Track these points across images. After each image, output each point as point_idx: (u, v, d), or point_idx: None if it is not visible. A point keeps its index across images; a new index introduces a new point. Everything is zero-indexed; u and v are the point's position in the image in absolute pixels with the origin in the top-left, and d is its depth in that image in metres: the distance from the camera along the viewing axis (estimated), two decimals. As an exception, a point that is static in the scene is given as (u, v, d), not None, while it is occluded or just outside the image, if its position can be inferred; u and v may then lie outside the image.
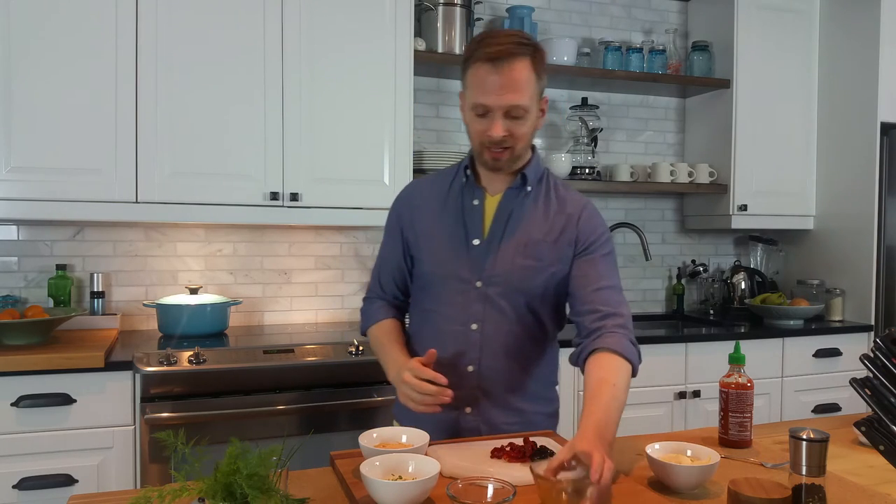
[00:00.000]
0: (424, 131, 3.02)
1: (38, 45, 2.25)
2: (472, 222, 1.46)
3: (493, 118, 1.35)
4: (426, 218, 1.50)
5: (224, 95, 2.42)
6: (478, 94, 1.34)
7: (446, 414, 1.43)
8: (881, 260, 3.07)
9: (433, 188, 1.54)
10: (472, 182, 1.49)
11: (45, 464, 2.02)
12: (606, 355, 1.30)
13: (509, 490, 0.99)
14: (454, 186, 1.51)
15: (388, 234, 1.58)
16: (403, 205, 1.55)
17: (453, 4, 2.81)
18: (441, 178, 1.55)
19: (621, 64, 3.14)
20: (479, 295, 1.44)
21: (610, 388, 1.24)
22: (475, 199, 1.47)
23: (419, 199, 1.53)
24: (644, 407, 2.70)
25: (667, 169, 3.16)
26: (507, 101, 1.33)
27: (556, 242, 1.44)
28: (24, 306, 2.50)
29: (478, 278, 1.44)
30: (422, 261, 1.50)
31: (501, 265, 1.43)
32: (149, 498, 0.89)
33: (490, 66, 1.32)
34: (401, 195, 1.58)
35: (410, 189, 1.58)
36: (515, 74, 1.32)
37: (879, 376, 1.06)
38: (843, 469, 1.27)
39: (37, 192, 2.26)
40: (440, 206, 1.50)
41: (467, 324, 1.44)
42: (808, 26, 3.26)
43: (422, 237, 1.50)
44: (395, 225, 1.55)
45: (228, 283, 2.80)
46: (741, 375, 1.42)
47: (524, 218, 1.45)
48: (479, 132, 1.39)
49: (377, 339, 1.54)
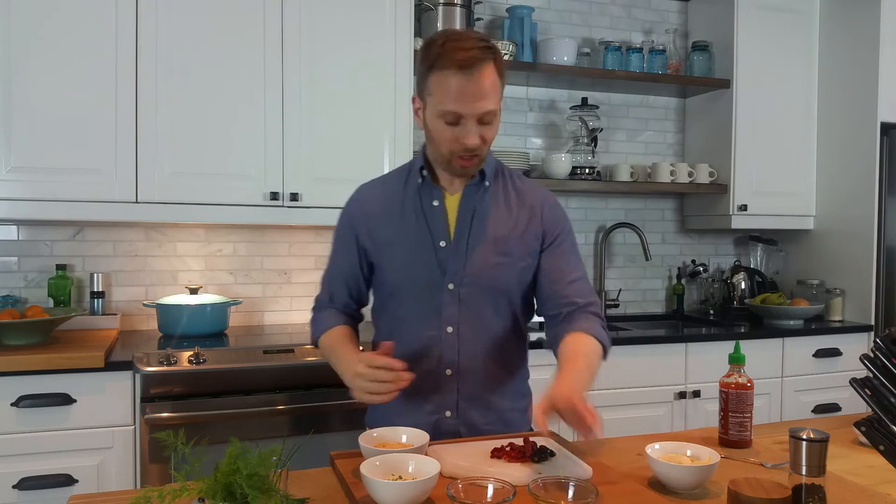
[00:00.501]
0: (424, 131, 3.02)
1: (38, 45, 2.25)
2: (436, 224, 1.43)
3: (466, 126, 1.32)
4: (385, 224, 1.45)
5: (224, 95, 2.42)
6: (449, 103, 1.30)
7: (425, 418, 1.43)
8: (881, 260, 3.07)
9: (385, 192, 1.49)
10: (429, 182, 1.45)
11: (45, 464, 2.02)
12: (581, 335, 1.36)
13: (509, 490, 0.99)
14: (409, 189, 1.46)
15: (339, 243, 1.53)
16: (356, 212, 1.49)
17: (453, 4, 2.81)
18: (391, 182, 1.50)
19: (621, 64, 3.14)
20: (451, 297, 1.42)
21: (583, 357, 1.30)
22: (434, 200, 1.44)
23: (373, 205, 1.48)
24: (644, 407, 2.70)
25: (667, 169, 3.16)
26: (480, 109, 1.31)
27: (523, 236, 1.45)
28: (24, 306, 2.50)
29: (449, 280, 1.42)
30: (387, 268, 1.46)
31: (473, 265, 1.41)
32: (149, 498, 0.89)
33: (460, 74, 1.28)
34: (351, 202, 1.52)
35: (361, 196, 1.52)
36: (485, 80, 1.30)
37: (879, 376, 1.06)
38: (843, 469, 1.27)
39: (37, 192, 2.26)
40: (398, 211, 1.45)
41: (442, 327, 1.42)
42: (808, 26, 3.26)
43: (384, 245, 1.45)
44: (347, 233, 1.50)
45: (228, 283, 2.80)
46: (741, 375, 1.42)
47: (488, 214, 1.44)
48: (449, 140, 1.34)
49: (328, 346, 1.48)
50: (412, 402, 1.44)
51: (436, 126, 1.35)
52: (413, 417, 1.42)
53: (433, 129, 1.37)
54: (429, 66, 1.32)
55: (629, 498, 1.08)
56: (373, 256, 1.48)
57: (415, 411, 1.45)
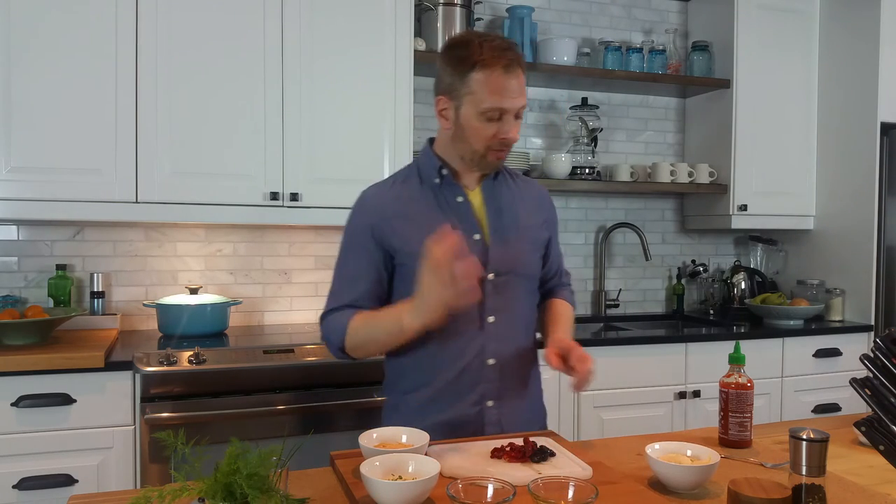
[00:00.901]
0: (424, 131, 3.02)
1: (38, 45, 2.25)
2: (465, 218, 1.47)
3: (507, 121, 1.40)
4: (411, 224, 1.44)
5: (224, 95, 2.42)
6: (495, 99, 1.37)
7: (469, 409, 1.45)
8: (881, 260, 3.07)
9: (400, 194, 1.48)
10: (449, 180, 1.48)
11: (45, 464, 2.02)
12: (559, 301, 1.62)
13: (509, 490, 0.99)
14: (426, 188, 1.48)
15: (356, 250, 1.47)
16: (374, 215, 1.46)
17: (453, 4, 2.81)
18: (401, 184, 1.50)
19: (621, 64, 3.14)
20: (492, 287, 1.45)
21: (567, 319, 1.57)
22: (458, 196, 1.48)
23: (390, 207, 1.47)
24: (644, 407, 2.70)
25: (667, 169, 3.16)
26: (520, 104, 1.41)
27: (540, 226, 1.56)
28: (24, 306, 2.50)
29: (489, 271, 1.45)
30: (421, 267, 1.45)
31: (509, 254, 1.47)
32: (149, 498, 0.89)
33: (506, 73, 1.37)
34: (364, 206, 1.49)
35: (372, 201, 1.49)
36: (522, 79, 1.41)
37: (879, 376, 1.06)
38: (843, 469, 1.27)
39: (37, 192, 2.26)
40: (421, 210, 1.46)
41: (484, 318, 1.45)
42: (808, 26, 3.26)
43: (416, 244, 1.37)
44: (366, 239, 1.46)
45: (228, 283, 2.80)
46: (741, 375, 1.42)
47: (510, 206, 1.52)
48: (488, 136, 1.40)
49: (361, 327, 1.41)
50: (454, 395, 1.45)
51: (474, 123, 1.40)
52: (455, 410, 1.45)
53: (470, 126, 1.41)
54: (470, 66, 1.37)
55: (629, 498, 1.08)
56: (400, 258, 1.44)
57: (457, 403, 1.45)
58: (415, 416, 1.45)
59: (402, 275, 1.46)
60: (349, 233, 1.50)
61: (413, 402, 1.47)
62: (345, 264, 1.50)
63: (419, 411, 1.46)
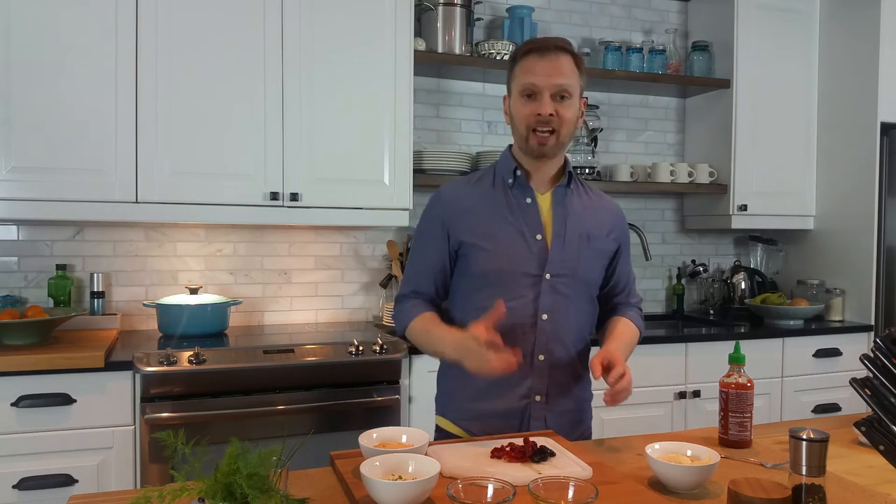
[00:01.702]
0: (424, 131, 3.02)
1: (38, 45, 2.25)
2: (531, 219, 1.53)
3: (539, 99, 1.47)
4: (482, 219, 1.53)
5: (224, 95, 2.42)
6: (527, 77, 1.47)
7: (517, 402, 1.50)
8: (881, 260, 3.07)
9: (475, 190, 1.58)
10: (521, 181, 1.55)
11: (45, 464, 2.02)
12: (625, 319, 1.62)
13: (509, 490, 0.99)
14: (498, 187, 1.57)
15: (427, 237, 1.58)
16: (447, 208, 1.56)
17: (453, 4, 2.81)
18: (478, 181, 1.60)
19: (621, 64, 3.14)
20: (548, 287, 1.50)
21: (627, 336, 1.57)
22: (528, 198, 1.54)
23: (464, 202, 1.56)
24: (644, 407, 2.70)
25: (667, 169, 3.16)
26: (554, 81, 1.46)
27: (607, 237, 1.60)
28: (24, 306, 2.50)
29: (547, 271, 1.50)
30: (483, 259, 1.51)
31: (568, 257, 1.52)
32: (149, 498, 0.89)
33: (538, 55, 1.48)
34: (440, 200, 1.59)
35: (449, 193, 1.59)
36: (561, 62, 1.48)
37: (879, 376, 1.06)
38: (843, 469, 1.27)
39: (37, 192, 2.26)
40: (493, 207, 1.54)
41: (537, 315, 1.50)
42: (808, 26, 3.26)
43: (481, 238, 1.52)
44: (438, 228, 1.56)
45: (228, 283, 2.80)
46: (741, 375, 1.42)
47: (578, 213, 1.57)
48: (526, 115, 1.48)
49: (420, 330, 1.55)
50: (504, 387, 1.50)
51: (517, 106, 1.51)
52: (505, 402, 1.51)
53: (514, 110, 1.52)
54: (515, 59, 1.52)
55: (629, 498, 1.08)
56: (467, 249, 1.53)
57: (507, 395, 1.51)
58: (467, 402, 1.54)
59: (461, 264, 1.56)
60: (422, 223, 1.61)
61: (467, 389, 1.53)
62: (416, 253, 1.62)
63: (471, 398, 1.53)
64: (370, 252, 2.98)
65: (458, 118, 3.10)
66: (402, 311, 1.60)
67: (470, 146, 3.12)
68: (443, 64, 2.81)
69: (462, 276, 1.56)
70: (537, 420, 1.51)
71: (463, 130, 3.12)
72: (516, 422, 1.51)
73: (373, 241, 2.98)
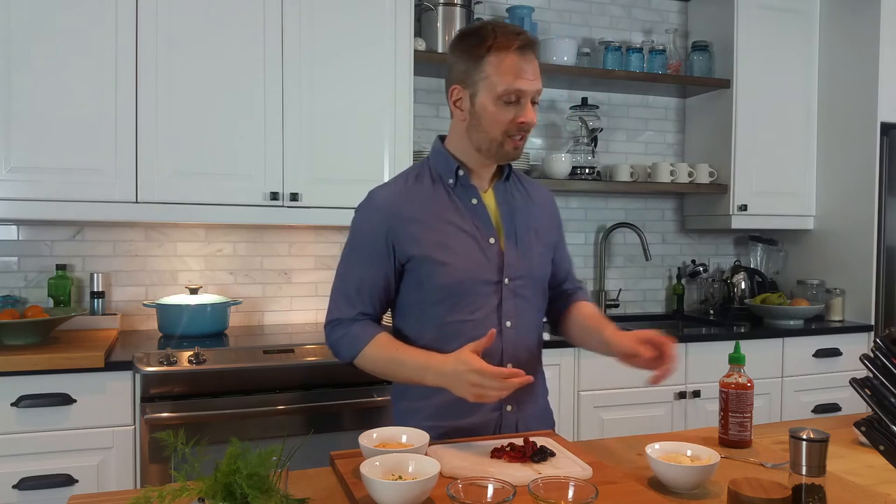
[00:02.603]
0: (424, 131, 3.02)
1: (38, 45, 2.25)
2: (481, 222, 1.43)
3: (524, 105, 1.37)
4: (428, 228, 1.40)
5: (224, 95, 2.42)
6: (511, 80, 1.34)
7: (488, 414, 1.44)
8: (881, 260, 3.07)
9: (415, 195, 1.43)
10: (465, 181, 1.45)
11: (45, 464, 2.02)
12: (586, 303, 1.59)
13: (509, 490, 0.99)
14: (438, 189, 1.44)
15: (366, 252, 1.42)
16: (389, 219, 1.41)
17: (453, 4, 2.81)
18: (413, 184, 1.45)
19: (621, 64, 3.14)
20: (508, 292, 1.44)
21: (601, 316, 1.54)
22: (473, 198, 1.44)
23: (406, 210, 1.41)
24: (644, 407, 2.70)
25: (667, 169, 3.16)
26: (537, 87, 1.38)
27: (549, 229, 1.55)
28: (24, 306, 2.50)
29: (506, 275, 1.43)
30: (439, 273, 1.39)
31: (525, 258, 1.46)
32: (149, 498, 0.89)
33: (521, 55, 1.35)
34: (377, 209, 1.43)
35: (385, 201, 1.43)
36: (536, 64, 1.39)
37: (879, 376, 1.06)
38: (843, 469, 1.27)
39: (37, 192, 2.26)
40: (438, 213, 1.42)
41: (501, 323, 1.43)
42: (808, 26, 3.26)
43: (434, 250, 1.39)
44: (380, 242, 1.41)
45: (228, 283, 2.80)
46: (741, 375, 1.42)
47: (522, 209, 1.50)
48: (505, 121, 1.37)
49: (379, 359, 1.40)
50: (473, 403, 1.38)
51: (490, 109, 1.37)
52: (474, 417, 1.42)
53: (486, 112, 1.38)
54: (486, 50, 1.36)
55: (629, 498, 1.08)
56: (418, 263, 1.40)
57: (477, 410, 1.42)
58: (432, 420, 1.41)
59: (412, 278, 1.42)
60: (359, 235, 1.45)
61: (430, 408, 1.43)
62: (354, 269, 1.44)
63: (436, 416, 1.42)
64: (370, 252, 2.97)
65: (458, 118, 3.10)
66: (349, 336, 1.42)
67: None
68: (443, 64, 2.80)
69: (414, 290, 1.42)
70: (508, 429, 1.45)
71: (463, 130, 3.11)
72: (490, 431, 1.43)
73: (373, 241, 2.97)
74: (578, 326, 1.55)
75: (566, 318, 1.59)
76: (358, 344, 1.41)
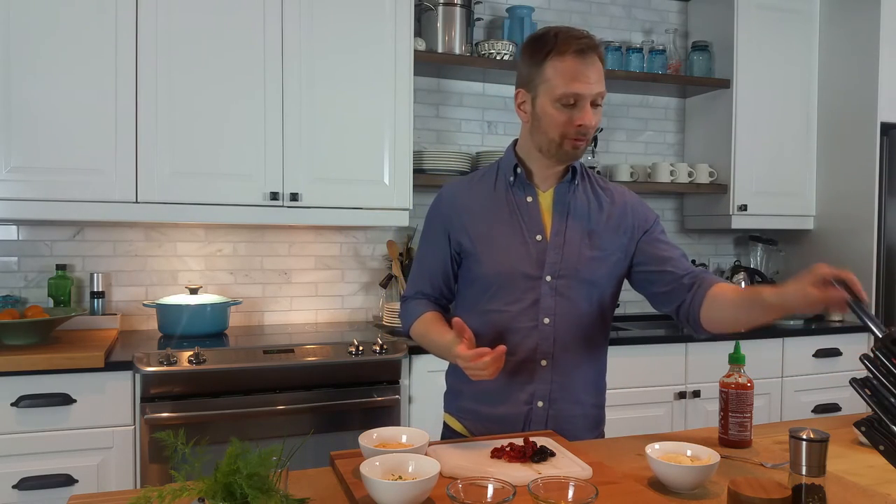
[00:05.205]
0: (424, 131, 3.02)
1: (38, 45, 2.25)
2: (531, 219, 1.48)
3: (582, 107, 1.39)
4: (481, 220, 1.50)
5: (224, 95, 2.42)
6: (570, 85, 1.38)
7: (519, 408, 1.47)
8: (881, 260, 3.07)
9: (477, 190, 1.54)
10: (522, 179, 1.51)
11: (45, 464, 2.02)
12: (721, 284, 1.43)
13: (509, 490, 0.99)
14: (499, 186, 1.52)
15: (430, 239, 1.57)
16: (448, 209, 1.54)
17: (453, 4, 2.81)
18: (480, 180, 1.56)
19: (621, 64, 3.14)
20: (549, 289, 1.46)
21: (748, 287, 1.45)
22: (528, 196, 1.50)
23: (466, 201, 1.53)
24: (644, 407, 2.70)
25: (667, 169, 3.16)
26: (596, 90, 1.40)
27: (616, 232, 1.51)
28: (24, 306, 2.50)
29: (547, 273, 1.46)
30: (482, 262, 1.48)
31: (570, 258, 1.47)
32: (149, 498, 0.89)
33: (579, 59, 1.38)
34: (442, 200, 1.56)
35: (451, 193, 1.56)
36: (598, 67, 1.41)
37: (879, 376, 1.06)
38: (843, 469, 1.27)
39: (37, 192, 2.26)
40: (492, 207, 1.50)
41: (538, 319, 1.46)
42: (808, 26, 3.26)
43: (479, 240, 1.49)
44: (439, 230, 1.54)
45: (228, 283, 2.80)
46: (741, 375, 1.42)
47: (582, 210, 1.51)
48: (564, 123, 1.40)
49: (420, 333, 1.55)
50: (506, 392, 1.48)
51: (549, 111, 1.41)
52: (506, 407, 1.48)
53: (545, 115, 1.42)
54: (545, 55, 1.40)
55: (629, 498, 1.08)
56: (467, 252, 1.51)
57: (508, 400, 1.48)
58: (471, 402, 1.52)
59: (464, 267, 1.54)
60: (427, 223, 1.60)
61: (471, 392, 1.51)
62: (422, 255, 1.60)
63: (475, 399, 1.52)
64: (370, 252, 2.98)
65: (458, 118, 3.11)
66: (406, 311, 1.60)
67: (470, 146, 3.12)
68: (443, 64, 2.81)
69: (465, 279, 1.54)
70: (538, 426, 1.48)
71: (463, 130, 3.12)
72: (518, 427, 1.48)
73: (373, 241, 2.98)
74: (732, 305, 1.38)
75: (708, 307, 1.42)
76: (409, 319, 1.58)
